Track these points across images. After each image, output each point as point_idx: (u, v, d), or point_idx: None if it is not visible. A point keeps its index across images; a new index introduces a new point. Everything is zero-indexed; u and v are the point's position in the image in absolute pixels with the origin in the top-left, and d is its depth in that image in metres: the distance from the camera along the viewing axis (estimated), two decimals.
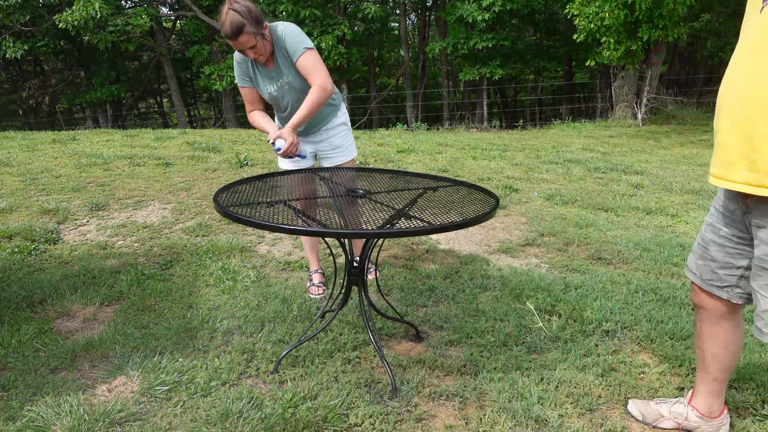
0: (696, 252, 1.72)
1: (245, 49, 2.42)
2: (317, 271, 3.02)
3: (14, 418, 1.85)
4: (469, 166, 6.39)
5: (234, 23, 2.31)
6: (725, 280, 1.65)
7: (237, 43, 2.38)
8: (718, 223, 1.63)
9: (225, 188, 2.24)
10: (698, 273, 1.71)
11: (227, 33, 2.35)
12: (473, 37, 13.91)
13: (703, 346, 1.78)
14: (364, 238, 2.02)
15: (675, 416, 1.85)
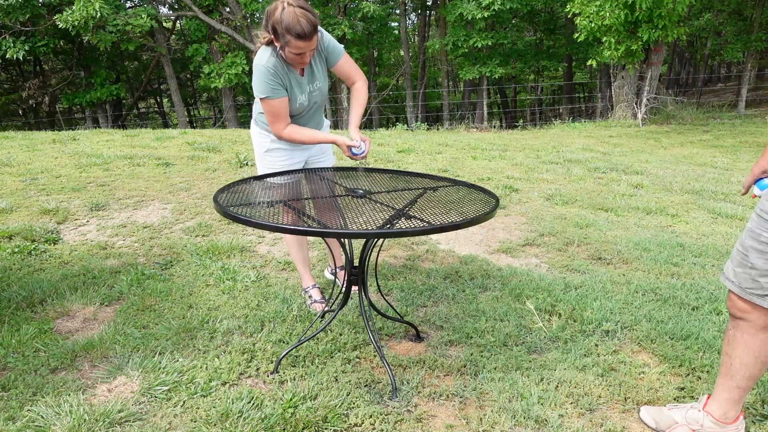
0: (735, 259, 1.65)
1: (305, 52, 2.23)
2: (314, 286, 2.83)
3: (14, 418, 1.85)
4: (469, 166, 6.39)
5: (311, 21, 2.15)
6: (767, 288, 1.58)
7: (309, 42, 2.19)
8: (759, 228, 1.56)
9: (225, 188, 2.24)
10: (737, 281, 1.64)
11: (304, 31, 2.13)
12: (473, 36, 13.92)
13: (733, 353, 1.71)
14: (364, 238, 2.02)
15: (690, 422, 1.80)
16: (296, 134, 2.45)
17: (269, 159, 2.62)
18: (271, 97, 2.33)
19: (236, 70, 13.55)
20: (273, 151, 2.60)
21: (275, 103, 2.35)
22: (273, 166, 2.61)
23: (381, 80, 20.72)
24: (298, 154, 2.65)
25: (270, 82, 2.30)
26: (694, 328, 2.49)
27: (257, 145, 2.64)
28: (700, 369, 2.18)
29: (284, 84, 2.35)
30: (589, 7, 10.30)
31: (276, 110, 2.37)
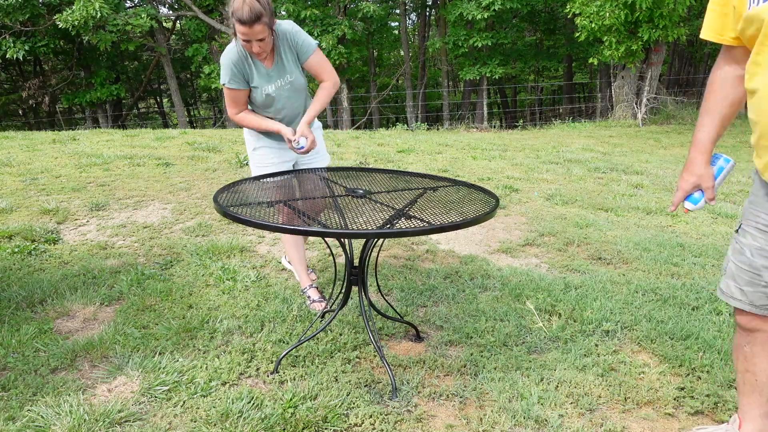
0: (740, 278, 1.57)
1: (252, 41, 2.29)
2: (312, 286, 2.83)
3: (14, 418, 1.85)
4: (469, 166, 6.39)
5: (254, 9, 2.20)
6: None
7: (250, 31, 2.24)
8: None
9: (225, 188, 2.24)
10: (749, 299, 1.57)
11: (244, 17, 2.20)
12: (473, 36, 13.92)
13: (755, 368, 1.64)
14: (364, 238, 2.02)
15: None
16: (244, 119, 2.58)
17: (257, 157, 2.70)
18: (231, 87, 2.47)
19: None
20: (260, 149, 2.69)
21: (233, 93, 2.50)
22: (262, 163, 2.68)
23: (381, 80, 20.72)
24: (285, 153, 2.71)
25: (231, 72, 2.43)
26: (694, 328, 2.49)
27: (248, 143, 2.73)
28: (700, 369, 2.18)
29: (245, 76, 2.46)
30: (590, 7, 10.30)
31: (233, 98, 2.52)
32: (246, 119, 2.60)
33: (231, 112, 2.59)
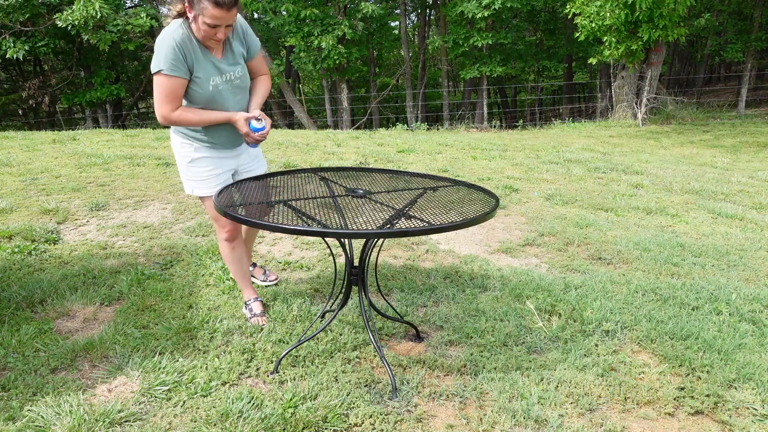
0: None
1: (221, 27, 2.06)
2: (256, 299, 2.63)
3: (14, 418, 1.85)
4: (469, 166, 6.39)
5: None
6: None
7: (227, 15, 2.02)
8: None
9: (225, 188, 2.24)
10: None
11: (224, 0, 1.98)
12: (473, 35, 13.92)
13: None
14: (364, 238, 2.02)
15: None
16: (184, 117, 2.16)
17: (195, 170, 2.36)
18: (166, 73, 2.06)
19: None
20: (198, 161, 2.35)
21: (169, 82, 2.07)
22: (200, 176, 2.36)
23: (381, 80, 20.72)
24: (226, 162, 2.42)
25: (172, 56, 2.05)
26: (694, 328, 2.49)
27: (180, 156, 2.36)
28: (700, 369, 2.18)
29: (188, 63, 2.10)
30: (590, 7, 10.30)
31: (168, 90, 2.08)
32: (187, 116, 2.17)
33: (166, 109, 2.12)
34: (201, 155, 2.35)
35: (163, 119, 2.15)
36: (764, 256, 3.62)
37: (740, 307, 2.73)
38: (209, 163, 2.37)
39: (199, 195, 2.42)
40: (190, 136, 2.33)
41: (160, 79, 2.08)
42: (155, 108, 2.14)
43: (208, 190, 2.38)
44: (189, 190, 2.42)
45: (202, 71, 2.15)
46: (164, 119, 2.15)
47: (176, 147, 2.38)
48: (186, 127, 2.29)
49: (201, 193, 2.41)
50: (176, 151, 2.38)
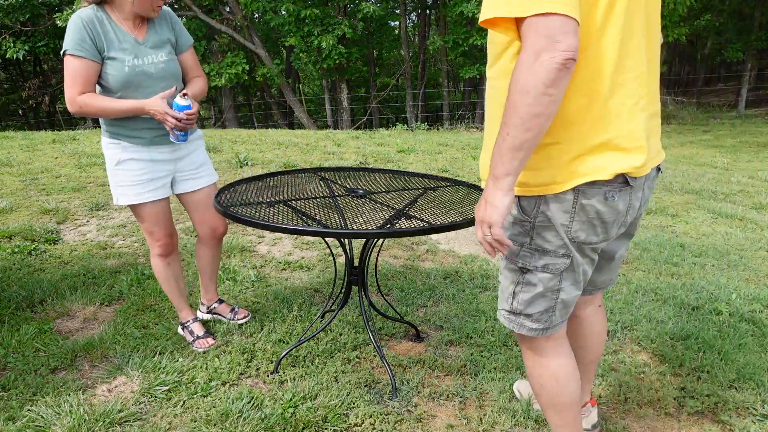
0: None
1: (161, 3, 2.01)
2: (195, 319, 2.43)
3: (14, 418, 1.85)
4: (469, 166, 6.39)
5: None
6: None
7: None
8: None
9: (225, 188, 2.24)
10: None
11: None
12: (473, 35, 13.92)
13: None
14: (364, 238, 2.02)
15: None
16: (91, 103, 1.96)
17: (122, 174, 2.10)
18: (71, 53, 1.92)
19: (236, 69, 13.55)
20: (126, 162, 2.10)
21: (76, 63, 1.93)
22: (127, 180, 2.11)
23: (381, 80, 20.72)
24: (160, 166, 2.16)
25: (76, 37, 1.91)
26: (694, 328, 2.49)
27: (108, 158, 2.13)
28: (700, 369, 2.18)
29: (98, 44, 1.95)
30: None
31: (76, 70, 1.93)
32: (94, 102, 1.97)
33: (72, 92, 1.95)
34: (129, 156, 2.09)
35: (68, 103, 1.96)
36: (764, 256, 3.63)
37: (740, 307, 2.73)
38: (139, 167, 2.11)
39: (125, 203, 2.12)
40: (116, 134, 2.08)
41: (66, 60, 1.94)
42: (65, 93, 1.97)
43: (136, 197, 2.11)
44: (115, 200, 2.13)
45: (115, 52, 1.98)
46: (70, 103, 1.96)
47: (104, 149, 2.12)
48: (110, 122, 2.08)
49: (126, 201, 2.11)
50: (105, 154, 2.13)
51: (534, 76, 1.05)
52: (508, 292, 1.40)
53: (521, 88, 1.07)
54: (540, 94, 1.06)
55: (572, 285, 1.36)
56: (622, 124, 1.21)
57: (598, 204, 1.24)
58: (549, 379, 1.46)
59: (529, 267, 1.33)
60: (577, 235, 1.28)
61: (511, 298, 1.40)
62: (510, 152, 1.13)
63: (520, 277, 1.36)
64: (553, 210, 1.26)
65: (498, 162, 1.16)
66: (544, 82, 1.05)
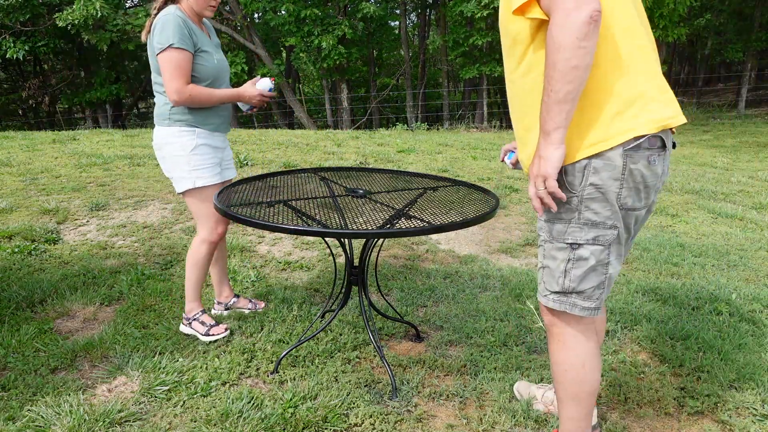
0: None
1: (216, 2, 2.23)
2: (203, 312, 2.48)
3: (14, 418, 1.85)
4: (469, 166, 6.39)
5: None
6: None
7: None
8: None
9: (225, 188, 2.24)
10: None
11: None
12: (473, 34, 13.93)
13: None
14: (364, 238, 2.02)
15: None
16: (199, 93, 2.16)
17: (198, 158, 2.26)
18: (177, 46, 2.07)
19: (236, 69, 13.55)
20: (200, 147, 2.27)
21: (180, 55, 2.09)
22: (203, 165, 2.28)
23: (381, 80, 20.72)
24: (218, 153, 2.38)
25: (177, 32, 2.07)
26: (694, 328, 2.49)
27: (177, 147, 2.24)
28: (700, 369, 2.18)
29: (193, 39, 2.15)
30: None
31: (179, 62, 2.09)
32: (202, 91, 2.18)
33: (179, 83, 2.10)
34: (203, 141, 2.28)
35: (178, 94, 2.11)
36: (764, 256, 3.63)
37: (740, 307, 2.73)
38: (209, 150, 2.30)
39: (201, 185, 2.26)
40: (190, 123, 2.24)
41: (170, 53, 2.08)
42: (167, 87, 2.11)
43: (212, 179, 2.29)
44: (190, 184, 2.25)
45: (205, 46, 2.22)
46: (179, 94, 2.11)
47: (172, 138, 2.23)
48: (186, 112, 2.22)
49: (204, 183, 2.27)
50: (172, 142, 2.24)
51: (568, 33, 1.17)
52: (560, 271, 1.44)
53: (557, 46, 1.19)
54: (575, 47, 1.18)
55: (617, 259, 1.43)
56: (649, 78, 1.34)
57: (643, 168, 1.34)
58: (576, 365, 1.50)
59: (580, 241, 1.39)
60: (626, 201, 1.36)
61: (562, 277, 1.43)
62: (557, 105, 1.23)
63: (570, 254, 1.41)
64: (604, 178, 1.33)
65: (547, 118, 1.26)
66: (578, 36, 1.17)
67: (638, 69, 1.32)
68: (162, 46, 2.08)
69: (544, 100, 1.26)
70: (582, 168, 1.34)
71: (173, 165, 2.27)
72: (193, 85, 2.16)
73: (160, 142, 2.27)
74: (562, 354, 1.51)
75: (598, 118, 1.31)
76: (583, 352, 1.50)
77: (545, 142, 1.28)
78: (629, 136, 1.30)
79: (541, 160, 1.30)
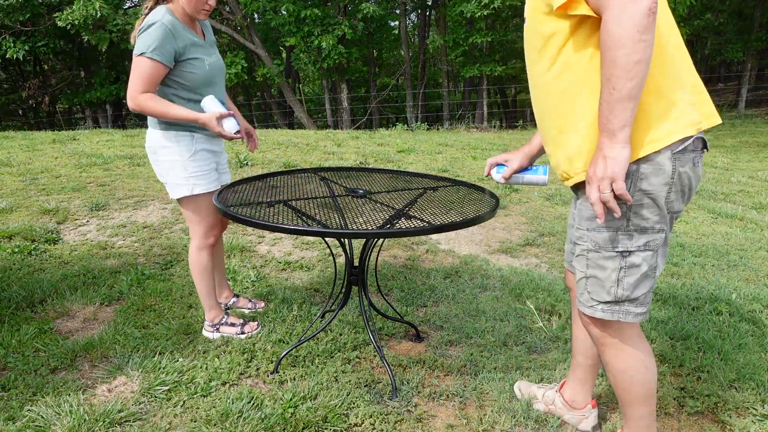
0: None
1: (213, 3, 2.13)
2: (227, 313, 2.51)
3: (14, 418, 1.85)
4: (469, 166, 6.39)
5: None
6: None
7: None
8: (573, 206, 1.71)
9: (225, 188, 2.24)
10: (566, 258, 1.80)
11: None
12: (473, 34, 13.93)
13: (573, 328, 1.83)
14: (364, 238, 2.02)
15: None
16: (153, 104, 2.04)
17: (196, 164, 2.20)
18: (152, 57, 2.00)
19: (236, 69, 13.55)
20: (199, 153, 2.22)
21: (148, 65, 2.01)
22: (201, 170, 2.22)
23: (381, 80, 20.72)
24: (215, 157, 2.34)
25: (161, 41, 2.00)
26: (694, 328, 2.49)
27: (174, 153, 2.17)
28: (700, 369, 2.18)
29: (176, 50, 2.06)
30: None
31: (144, 72, 2.01)
32: (154, 104, 2.05)
33: (135, 90, 2.02)
34: (201, 147, 2.21)
35: (130, 99, 2.04)
36: (764, 256, 3.63)
37: (740, 307, 2.73)
38: (207, 156, 2.25)
39: (199, 192, 2.21)
40: (188, 127, 2.17)
41: (141, 60, 2.01)
42: (128, 88, 2.04)
43: (209, 185, 2.24)
44: (186, 191, 2.20)
45: (195, 52, 2.12)
46: (131, 98, 2.03)
47: (168, 142, 2.16)
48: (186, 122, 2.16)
49: (201, 190, 2.21)
50: (168, 146, 2.17)
51: (626, 27, 1.14)
52: (611, 281, 1.39)
53: (616, 42, 1.16)
54: (636, 41, 1.15)
55: (662, 259, 1.41)
56: (690, 78, 1.33)
57: (689, 170, 1.33)
58: (640, 369, 1.48)
59: (631, 249, 1.36)
60: (672, 205, 1.35)
61: (615, 286, 1.39)
62: (620, 103, 1.19)
63: (621, 262, 1.37)
64: (654, 183, 1.31)
65: (610, 117, 1.22)
66: (638, 29, 1.14)
67: (681, 68, 1.31)
68: (138, 51, 2.02)
69: (605, 98, 1.22)
70: (630, 174, 1.30)
71: (168, 170, 2.20)
72: (149, 95, 2.05)
73: (155, 146, 2.18)
74: (623, 362, 1.48)
75: (644, 119, 1.28)
76: (641, 354, 1.48)
77: (611, 141, 1.23)
78: (676, 138, 1.28)
79: (608, 160, 1.24)
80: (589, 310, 1.45)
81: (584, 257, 1.44)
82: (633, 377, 1.48)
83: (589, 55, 1.30)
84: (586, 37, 1.29)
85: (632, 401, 1.52)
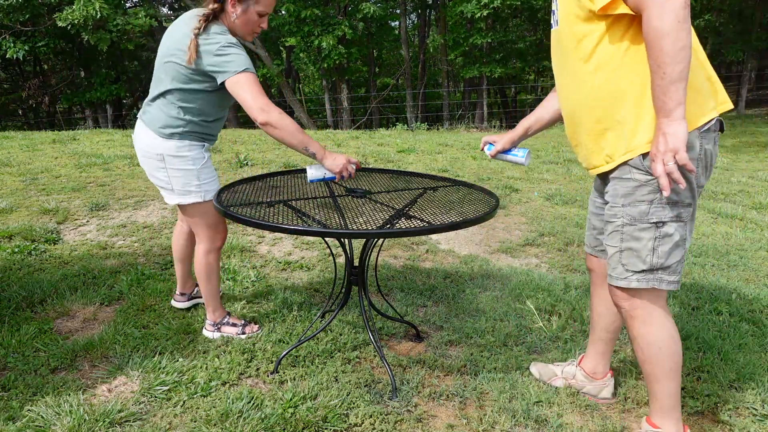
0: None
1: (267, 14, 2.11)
2: (230, 314, 2.50)
3: (14, 418, 1.85)
4: (469, 166, 6.39)
5: None
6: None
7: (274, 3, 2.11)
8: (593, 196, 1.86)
9: (225, 188, 2.24)
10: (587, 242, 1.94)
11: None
12: (473, 34, 13.94)
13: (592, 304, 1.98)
14: (364, 238, 2.02)
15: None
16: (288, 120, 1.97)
17: (207, 172, 2.24)
18: (250, 70, 1.97)
19: None
20: (208, 160, 2.26)
21: (255, 77, 1.98)
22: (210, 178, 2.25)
23: (381, 80, 20.73)
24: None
25: (243, 53, 1.98)
26: (694, 328, 2.49)
27: (189, 161, 2.17)
28: (700, 369, 2.18)
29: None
30: None
31: (258, 83, 1.98)
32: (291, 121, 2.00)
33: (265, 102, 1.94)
34: (209, 155, 2.27)
35: (263, 113, 1.92)
36: (764, 256, 3.63)
37: (740, 307, 2.73)
38: (211, 163, 2.29)
39: (209, 198, 2.23)
40: (201, 137, 2.19)
41: (248, 76, 1.95)
42: (253, 106, 1.92)
43: (215, 190, 2.26)
44: (198, 198, 2.21)
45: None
46: (265, 112, 1.92)
47: (182, 152, 2.15)
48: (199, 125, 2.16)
49: (211, 197, 2.22)
50: (182, 156, 2.15)
51: (668, 19, 1.28)
52: (647, 250, 1.52)
53: (661, 34, 1.30)
54: (678, 30, 1.29)
55: (690, 233, 1.55)
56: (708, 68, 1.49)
57: (712, 147, 1.50)
58: (668, 339, 1.60)
59: (664, 219, 1.50)
60: (699, 180, 1.51)
61: (651, 255, 1.52)
62: (672, 85, 1.33)
63: (656, 232, 1.51)
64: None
65: (665, 99, 1.35)
66: (678, 18, 1.28)
67: (703, 59, 1.46)
68: (239, 68, 1.94)
69: (657, 84, 1.35)
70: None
71: (179, 178, 2.19)
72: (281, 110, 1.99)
73: (165, 154, 2.15)
74: (652, 334, 1.59)
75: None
76: (669, 325, 1.60)
77: (669, 119, 1.36)
78: (704, 121, 1.44)
79: (668, 136, 1.36)
80: (623, 281, 1.57)
81: (618, 232, 1.56)
82: (661, 349, 1.59)
83: (623, 50, 1.45)
84: (621, 33, 1.44)
85: (660, 376, 1.62)
